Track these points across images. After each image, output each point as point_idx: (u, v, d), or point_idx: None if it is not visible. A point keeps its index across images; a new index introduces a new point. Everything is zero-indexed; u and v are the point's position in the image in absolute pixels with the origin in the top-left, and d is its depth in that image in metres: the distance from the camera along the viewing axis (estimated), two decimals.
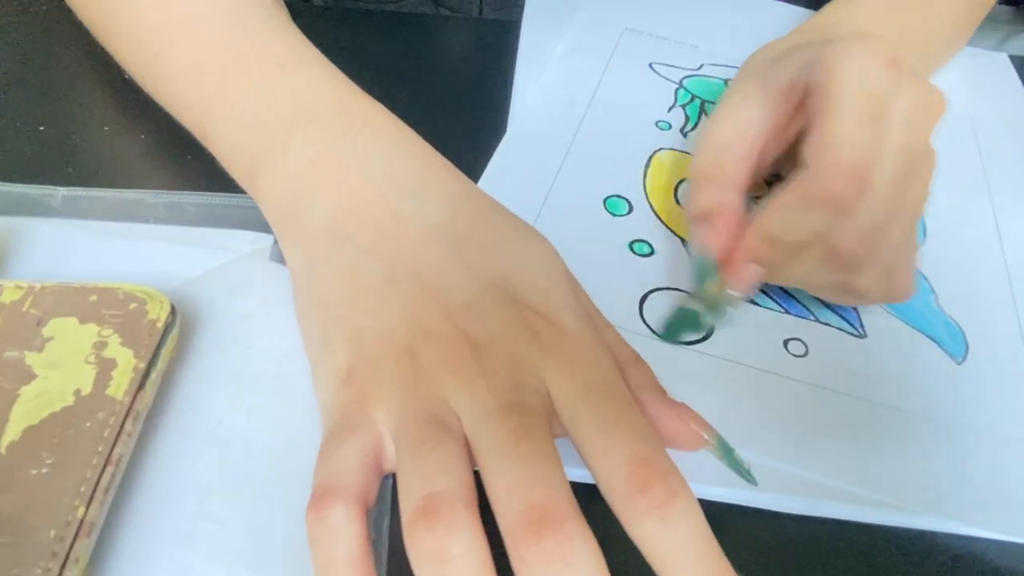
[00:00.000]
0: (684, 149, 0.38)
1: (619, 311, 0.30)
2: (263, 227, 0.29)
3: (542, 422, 0.21)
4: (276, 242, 0.29)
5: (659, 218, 0.34)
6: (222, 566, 0.22)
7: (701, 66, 0.42)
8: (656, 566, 0.19)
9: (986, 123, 0.42)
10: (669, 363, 0.28)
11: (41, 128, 0.35)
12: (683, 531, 0.19)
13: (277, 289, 0.29)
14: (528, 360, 0.22)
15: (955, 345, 0.31)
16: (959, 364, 0.30)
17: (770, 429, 0.27)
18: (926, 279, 0.33)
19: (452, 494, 0.20)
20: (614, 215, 0.34)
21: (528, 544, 0.19)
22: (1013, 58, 0.46)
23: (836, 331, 0.30)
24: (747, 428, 0.27)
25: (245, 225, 0.31)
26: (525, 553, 0.19)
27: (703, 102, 0.40)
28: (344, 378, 0.23)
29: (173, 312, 0.26)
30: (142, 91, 0.35)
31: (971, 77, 0.45)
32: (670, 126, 0.39)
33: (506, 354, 0.22)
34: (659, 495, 0.19)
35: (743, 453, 0.24)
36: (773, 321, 0.31)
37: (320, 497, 0.20)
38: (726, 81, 0.42)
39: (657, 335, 0.30)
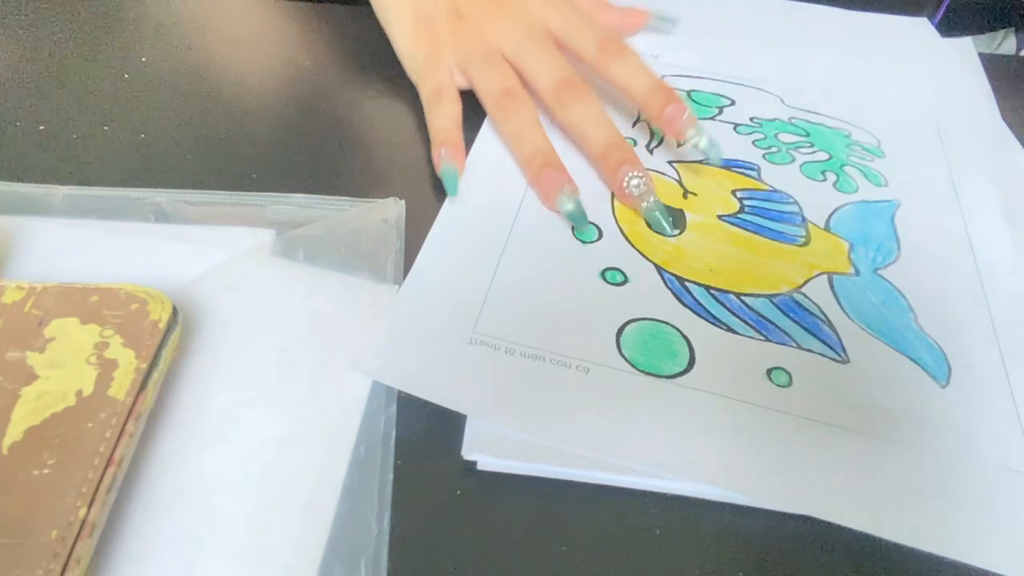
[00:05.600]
0: (651, 167, 0.36)
1: (595, 345, 0.28)
2: (264, 224, 0.29)
3: (551, 39, 0.36)
4: (277, 236, 0.29)
5: (630, 243, 0.32)
6: (224, 564, 0.22)
7: (663, 77, 0.41)
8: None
9: (951, 126, 0.40)
10: (651, 399, 0.27)
11: (41, 128, 0.35)
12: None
13: (278, 284, 0.29)
14: (530, 6, 0.37)
15: (938, 367, 0.29)
16: (943, 387, 0.28)
17: (759, 467, 0.25)
18: (904, 297, 0.31)
19: (517, 86, 0.36)
20: (584, 242, 0.32)
21: (569, 97, 0.35)
22: (983, 56, 0.46)
23: (819, 357, 0.29)
24: (735, 466, 0.25)
25: (246, 222, 0.31)
26: (567, 102, 0.35)
27: None
28: (411, 38, 0.37)
29: (175, 312, 0.26)
30: (142, 91, 0.35)
31: (935, 71, 0.44)
32: (635, 142, 0.37)
33: (516, 3, 0.37)
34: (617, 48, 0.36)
35: (731, 495, 0.24)
36: (753, 350, 0.29)
37: (440, 143, 0.34)
38: (688, 93, 0.41)
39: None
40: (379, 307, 0.28)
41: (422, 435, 0.25)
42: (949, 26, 0.53)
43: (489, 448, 0.25)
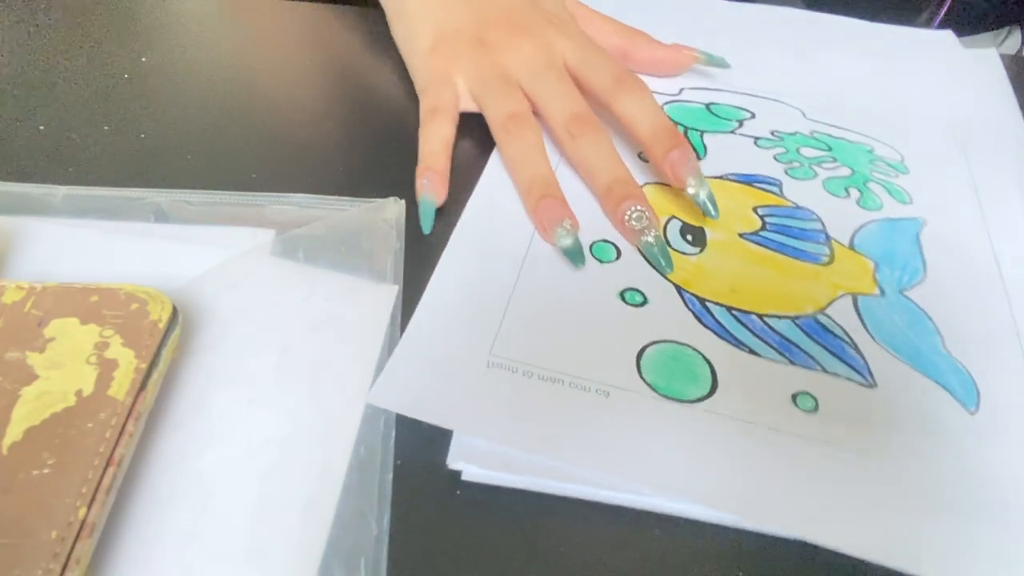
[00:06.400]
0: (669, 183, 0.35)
1: (615, 368, 0.27)
2: (264, 224, 0.29)
3: (565, 70, 0.37)
4: (277, 236, 0.30)
5: (649, 262, 0.31)
6: (224, 564, 0.22)
7: (681, 91, 0.41)
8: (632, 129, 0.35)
9: (975, 142, 0.39)
10: (673, 424, 0.26)
11: (41, 128, 0.35)
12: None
13: (278, 284, 0.29)
14: (551, 38, 0.37)
15: (966, 393, 0.28)
16: (972, 414, 0.27)
17: (784, 496, 0.24)
18: (931, 320, 0.30)
19: (526, 110, 0.35)
20: (601, 261, 0.31)
21: (580, 130, 0.34)
22: (1004, 57, 0.45)
23: (845, 381, 0.28)
24: (759, 495, 0.24)
25: (246, 222, 0.31)
26: (577, 135, 0.34)
27: (687, 129, 0.38)
28: (428, 54, 0.37)
29: (175, 312, 0.26)
30: (142, 91, 0.35)
31: (959, 85, 0.43)
32: None
33: (539, 34, 0.37)
34: (631, 85, 0.35)
35: (758, 525, 0.24)
36: (778, 374, 0.28)
37: (424, 169, 0.33)
38: (708, 106, 0.40)
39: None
40: (379, 307, 0.28)
41: (422, 435, 0.25)
42: (951, 24, 0.53)
43: (475, 459, 0.24)
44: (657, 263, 0.31)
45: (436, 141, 0.34)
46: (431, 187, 0.33)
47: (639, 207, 0.32)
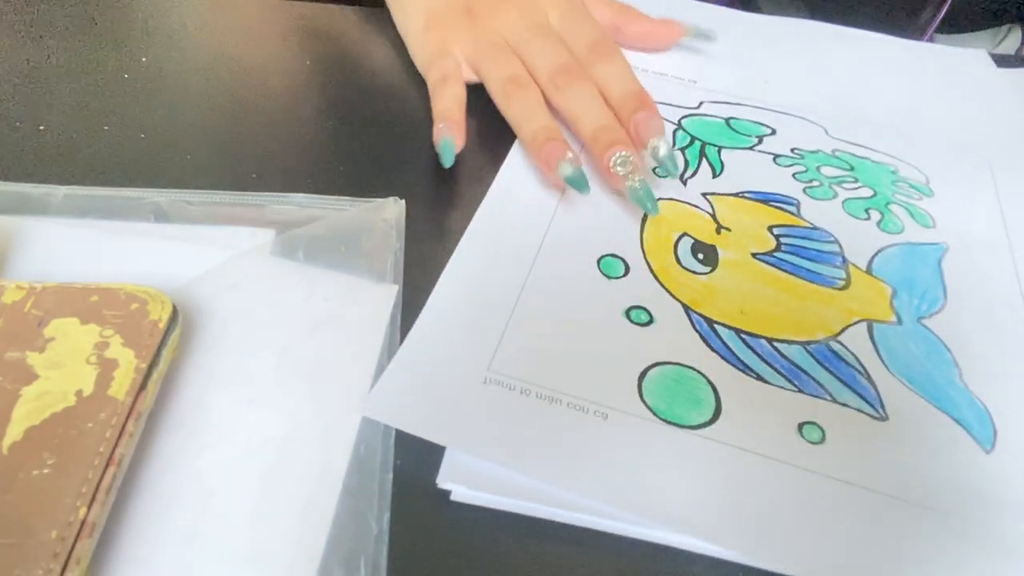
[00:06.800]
0: (684, 199, 0.34)
1: (616, 390, 0.26)
2: (264, 224, 0.29)
3: (551, 29, 0.38)
4: (277, 236, 0.30)
5: (658, 280, 0.31)
6: (224, 564, 0.22)
7: (700, 104, 0.40)
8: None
9: (1006, 167, 0.38)
10: (672, 450, 0.25)
11: (41, 128, 0.35)
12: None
13: (278, 284, 0.29)
14: (536, 1, 0.38)
15: (982, 430, 0.27)
16: (988, 453, 0.26)
17: (784, 531, 0.23)
18: (949, 351, 0.29)
19: (524, 74, 0.36)
20: (609, 277, 0.30)
21: (565, 81, 0.35)
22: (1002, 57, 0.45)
23: (855, 412, 0.27)
24: (757, 530, 0.23)
25: (246, 222, 0.31)
26: (562, 86, 0.35)
27: (704, 144, 0.37)
28: (422, 33, 0.39)
29: (175, 312, 0.26)
30: (142, 91, 0.35)
31: (992, 107, 0.42)
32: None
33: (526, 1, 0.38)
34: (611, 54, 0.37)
35: (756, 562, 0.23)
36: (785, 401, 0.27)
37: (439, 120, 0.35)
38: (727, 120, 0.39)
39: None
40: (379, 307, 0.28)
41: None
42: (952, 22, 0.53)
43: (465, 479, 0.24)
44: (643, 206, 0.32)
45: (449, 99, 0.35)
46: (447, 130, 0.34)
47: (623, 152, 0.32)
